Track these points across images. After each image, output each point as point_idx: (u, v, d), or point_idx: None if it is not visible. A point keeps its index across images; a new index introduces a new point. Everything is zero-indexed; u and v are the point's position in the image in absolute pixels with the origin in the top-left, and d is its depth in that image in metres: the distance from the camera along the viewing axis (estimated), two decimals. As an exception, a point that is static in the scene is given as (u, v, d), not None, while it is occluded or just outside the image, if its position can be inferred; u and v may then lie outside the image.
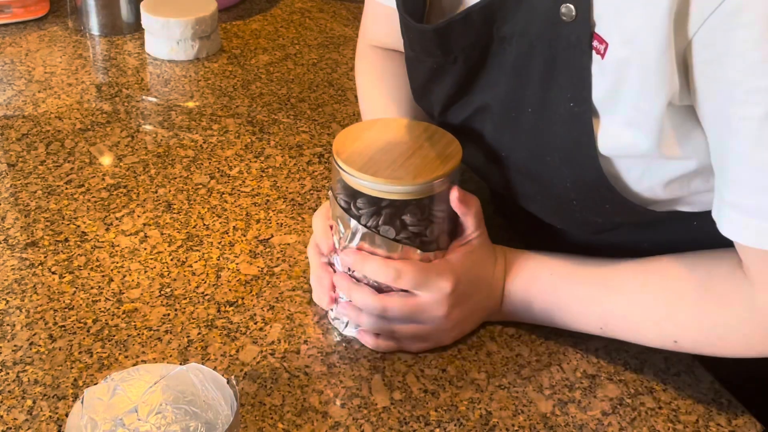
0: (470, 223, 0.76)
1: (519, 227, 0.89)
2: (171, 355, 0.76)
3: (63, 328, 0.78)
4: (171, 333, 0.78)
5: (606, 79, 0.65)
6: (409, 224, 0.73)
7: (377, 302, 0.74)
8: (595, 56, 0.65)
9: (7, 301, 0.80)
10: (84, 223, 0.91)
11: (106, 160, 1.02)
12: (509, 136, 0.74)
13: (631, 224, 0.77)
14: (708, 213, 0.68)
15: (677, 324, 0.72)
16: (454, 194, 0.74)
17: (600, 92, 0.66)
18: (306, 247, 0.88)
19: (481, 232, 0.77)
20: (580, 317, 0.76)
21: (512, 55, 0.70)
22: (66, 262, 0.85)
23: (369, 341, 0.77)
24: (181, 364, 0.72)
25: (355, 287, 0.75)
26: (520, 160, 0.74)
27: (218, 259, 0.87)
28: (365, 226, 0.73)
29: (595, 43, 0.64)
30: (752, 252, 0.66)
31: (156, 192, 0.96)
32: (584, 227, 0.78)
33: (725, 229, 0.65)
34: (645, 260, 0.74)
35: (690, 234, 0.75)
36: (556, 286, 0.77)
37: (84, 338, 0.77)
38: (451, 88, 0.76)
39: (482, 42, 0.71)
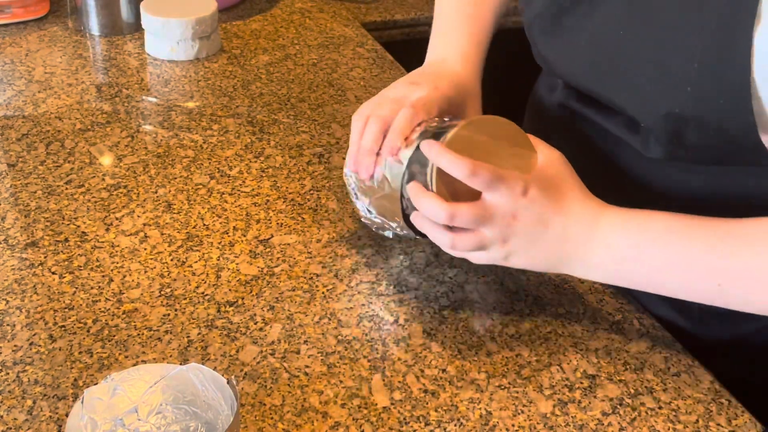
0: (539, 143, 0.73)
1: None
2: (171, 355, 0.76)
3: (63, 328, 0.78)
4: (171, 333, 0.78)
5: None
6: None
7: (445, 208, 0.71)
8: None
9: (7, 301, 0.80)
10: (84, 223, 0.91)
11: (106, 160, 1.02)
12: (642, 9, 0.68)
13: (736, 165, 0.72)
14: None
15: None
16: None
17: None
18: (306, 246, 0.89)
19: (558, 158, 0.73)
20: (696, 273, 0.69)
21: None
22: (66, 262, 0.85)
23: (445, 241, 0.73)
24: (181, 364, 0.72)
25: (424, 193, 0.72)
26: (644, 34, 0.68)
27: (218, 259, 0.87)
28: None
29: None
30: None
31: (156, 192, 0.96)
32: (675, 138, 0.70)
33: None
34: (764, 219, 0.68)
35: None
36: (669, 239, 0.69)
37: (84, 338, 0.77)
38: None
39: None
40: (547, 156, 0.74)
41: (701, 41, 0.65)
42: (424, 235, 0.77)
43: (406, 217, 0.78)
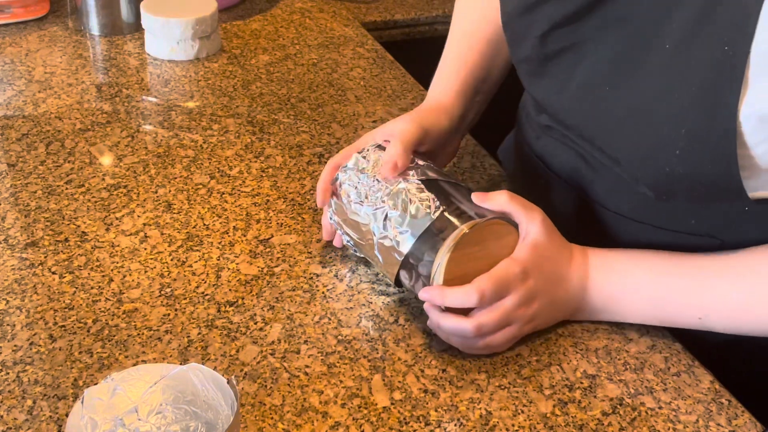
0: (517, 214, 0.75)
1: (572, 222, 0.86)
2: (171, 355, 0.76)
3: (63, 328, 0.78)
4: (171, 333, 0.78)
5: None
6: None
7: (471, 324, 0.73)
8: None
9: (7, 301, 0.80)
10: (84, 223, 0.91)
11: (106, 160, 1.02)
12: (628, 69, 0.69)
13: (712, 212, 0.76)
14: None
15: None
16: (476, 196, 0.75)
17: (766, 44, 0.60)
18: (306, 246, 0.89)
19: (537, 223, 0.75)
20: (678, 309, 0.75)
21: None
22: (66, 262, 0.85)
23: (468, 327, 0.74)
24: (181, 364, 0.72)
25: (442, 317, 0.75)
26: (631, 97, 0.69)
27: (218, 259, 0.87)
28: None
29: None
30: None
31: (156, 192, 0.96)
32: (665, 188, 0.72)
33: None
34: (744, 250, 0.73)
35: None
36: (653, 280, 0.76)
37: (84, 338, 0.77)
38: (576, 7, 0.71)
39: None
40: (530, 228, 0.76)
41: (687, 107, 0.65)
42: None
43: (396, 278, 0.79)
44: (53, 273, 0.84)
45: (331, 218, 0.84)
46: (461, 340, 0.75)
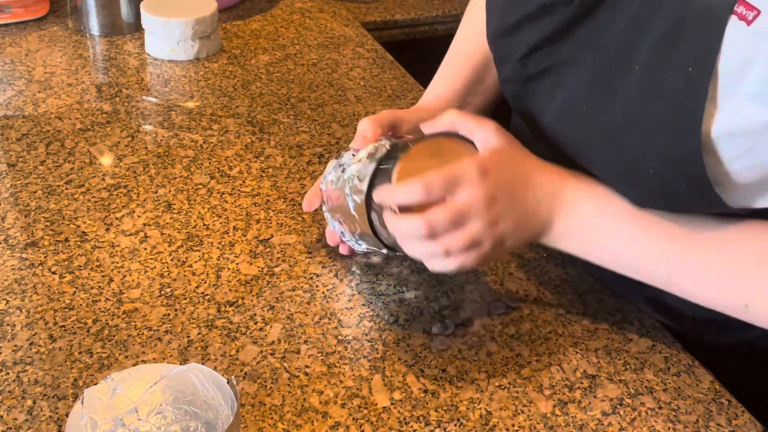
0: (468, 125, 0.74)
1: None
2: (171, 355, 0.76)
3: (63, 328, 0.78)
4: (171, 333, 0.78)
5: (743, 48, 0.60)
6: None
7: (420, 221, 0.70)
8: (737, 22, 0.60)
9: (7, 301, 0.80)
10: (84, 223, 0.91)
11: (106, 160, 1.02)
12: (602, 92, 0.70)
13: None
14: None
15: (757, 286, 0.68)
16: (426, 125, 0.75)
17: (732, 62, 0.61)
18: (306, 246, 0.89)
19: (492, 131, 0.74)
20: (649, 257, 0.72)
21: (636, 6, 0.67)
22: (66, 262, 0.85)
23: (438, 249, 0.71)
24: (181, 364, 0.72)
25: (396, 220, 0.71)
26: (605, 119, 0.70)
27: (218, 259, 0.87)
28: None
29: (740, 9, 0.60)
30: None
31: (156, 192, 0.96)
32: (646, 200, 0.72)
33: None
34: (729, 219, 0.70)
35: None
36: (635, 215, 0.72)
37: (84, 338, 0.77)
38: (551, 30, 0.72)
39: None
40: (487, 136, 0.74)
41: (656, 130, 0.66)
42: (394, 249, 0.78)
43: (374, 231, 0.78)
44: (53, 273, 0.84)
45: (325, 213, 0.84)
46: (422, 250, 0.72)
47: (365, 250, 0.82)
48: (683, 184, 0.67)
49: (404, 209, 0.71)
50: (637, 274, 0.73)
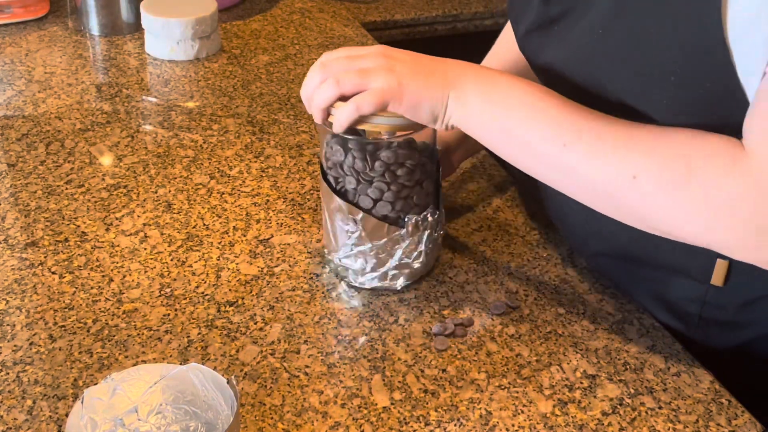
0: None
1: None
2: (171, 355, 0.76)
3: (63, 328, 0.78)
4: (171, 333, 0.78)
5: None
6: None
7: (315, 66, 0.76)
8: None
9: (7, 301, 0.80)
10: (84, 223, 0.91)
11: (106, 160, 1.02)
12: (621, 12, 0.70)
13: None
14: None
15: (644, 157, 0.68)
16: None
17: None
18: (306, 246, 0.89)
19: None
20: (548, 126, 0.71)
21: None
22: (66, 262, 0.85)
23: (331, 89, 0.75)
24: (181, 364, 0.72)
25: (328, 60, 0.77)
26: (624, 33, 0.70)
27: (218, 259, 0.87)
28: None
29: None
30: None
31: (156, 192, 0.96)
32: (665, 115, 0.71)
33: None
34: (647, 126, 0.71)
35: None
36: (532, 89, 0.73)
37: (84, 338, 0.77)
38: None
39: None
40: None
41: (677, 28, 0.66)
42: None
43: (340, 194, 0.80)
44: (53, 273, 0.84)
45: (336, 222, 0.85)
46: (348, 77, 0.75)
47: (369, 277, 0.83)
48: (708, 84, 0.66)
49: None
50: (532, 145, 0.73)
